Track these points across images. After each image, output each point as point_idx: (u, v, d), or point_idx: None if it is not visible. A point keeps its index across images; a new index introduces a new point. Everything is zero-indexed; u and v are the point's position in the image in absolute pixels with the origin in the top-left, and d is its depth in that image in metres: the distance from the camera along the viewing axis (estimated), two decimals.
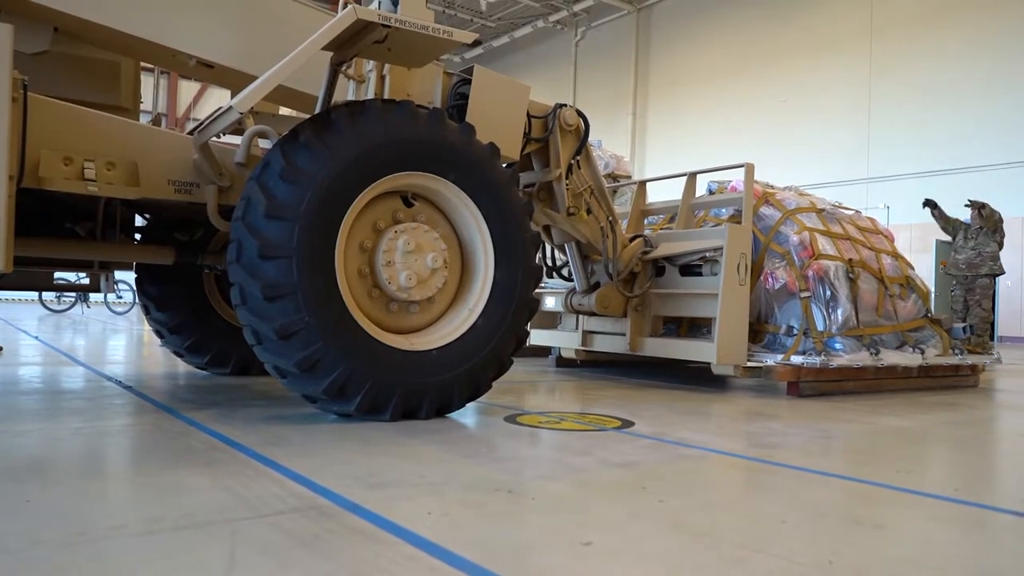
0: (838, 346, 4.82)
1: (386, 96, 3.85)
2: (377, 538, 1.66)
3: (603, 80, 23.78)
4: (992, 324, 9.18)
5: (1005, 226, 8.67)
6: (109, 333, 9.47)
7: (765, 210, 5.32)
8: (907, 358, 5.11)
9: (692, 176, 5.52)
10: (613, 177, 7.11)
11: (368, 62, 4.03)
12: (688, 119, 21.08)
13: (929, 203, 8.84)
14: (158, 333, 4.77)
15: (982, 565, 1.66)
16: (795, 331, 4.86)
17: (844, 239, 5.31)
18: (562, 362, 6.24)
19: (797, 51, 18.52)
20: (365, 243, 3.23)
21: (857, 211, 6.10)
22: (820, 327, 4.83)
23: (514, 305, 3.45)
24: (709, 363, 4.70)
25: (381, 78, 3.92)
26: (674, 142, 21.44)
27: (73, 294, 15.78)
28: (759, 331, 5.07)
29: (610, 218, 4.93)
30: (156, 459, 2.35)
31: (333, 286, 3.00)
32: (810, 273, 4.90)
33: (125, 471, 2.18)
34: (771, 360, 4.74)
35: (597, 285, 5.18)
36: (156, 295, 4.64)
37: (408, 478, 2.23)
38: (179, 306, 4.64)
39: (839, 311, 4.90)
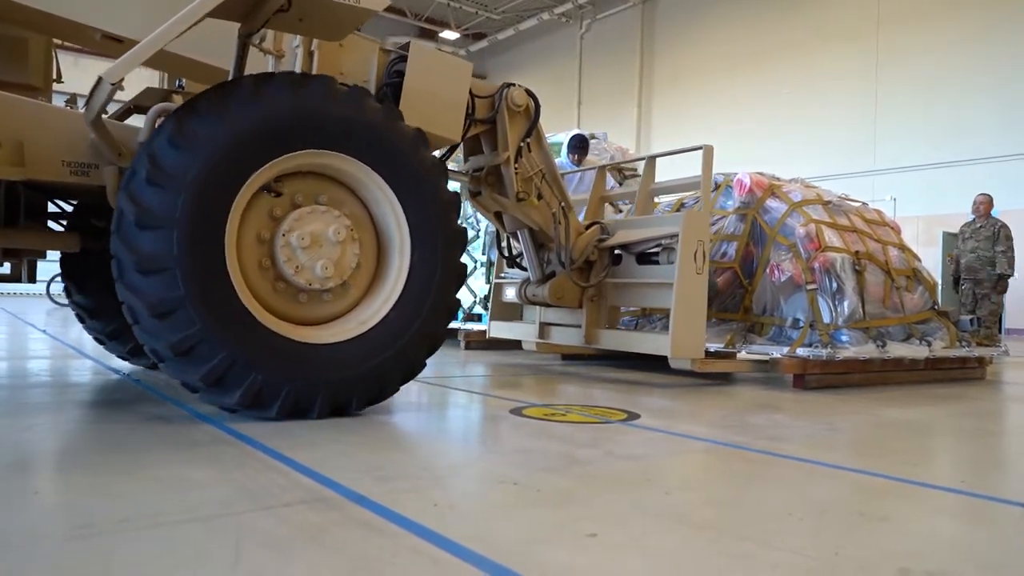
0: (844, 338, 4.80)
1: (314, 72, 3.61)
2: (383, 530, 1.66)
3: (608, 73, 23.71)
4: (1000, 317, 9.19)
5: (1013, 219, 8.69)
6: None
7: (771, 202, 5.30)
8: (914, 350, 5.09)
9: (651, 160, 5.30)
10: (619, 170, 7.09)
11: (295, 37, 3.75)
12: (693, 111, 20.99)
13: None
14: (79, 317, 4.57)
15: (989, 558, 1.66)
16: (801, 323, 4.85)
17: (850, 231, 5.29)
18: (567, 354, 6.23)
19: (803, 43, 18.40)
20: (275, 212, 3.02)
21: (863, 203, 6.08)
22: (826, 319, 4.81)
23: (430, 303, 3.21)
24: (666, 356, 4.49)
25: (309, 54, 3.68)
26: (679, 135, 21.34)
27: None
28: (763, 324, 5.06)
29: (563, 204, 4.71)
30: (162, 452, 2.36)
31: (220, 264, 2.76)
32: (816, 265, 4.88)
33: (131, 464, 2.18)
34: (777, 353, 4.72)
35: (553, 275, 4.95)
36: (78, 277, 4.40)
37: (413, 470, 2.23)
38: (100, 289, 4.28)
39: (845, 303, 4.88)
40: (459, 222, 3.38)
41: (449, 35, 26.24)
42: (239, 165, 2.82)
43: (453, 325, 7.41)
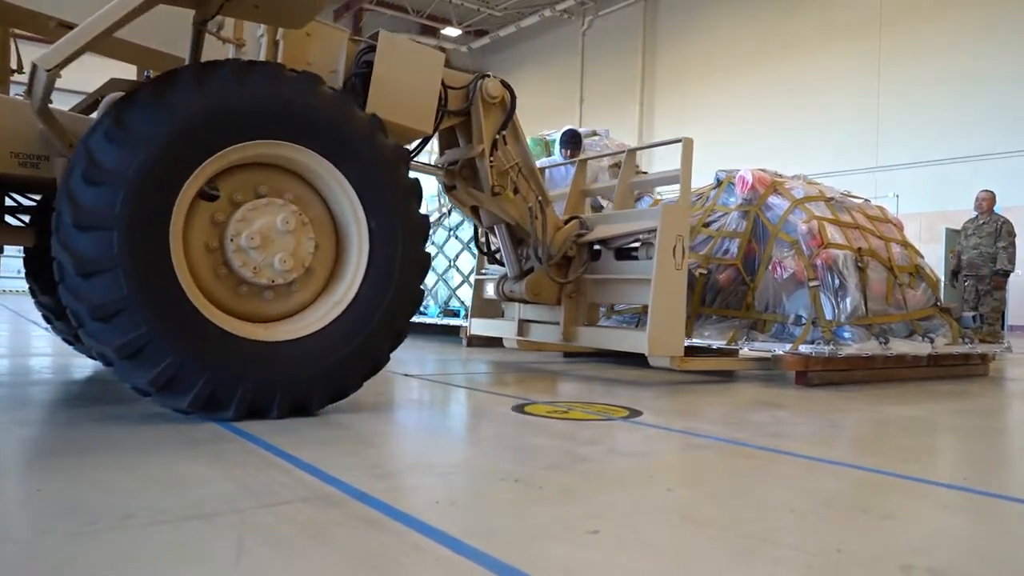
0: (847, 335, 4.80)
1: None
2: (385, 527, 1.66)
3: (610, 69, 23.68)
4: (1003, 313, 9.20)
5: (1015, 215, 8.69)
6: None
7: (774, 199, 5.30)
8: (916, 347, 5.09)
9: (631, 153, 5.22)
10: (618, 165, 7.09)
11: (260, 26, 3.64)
12: (696, 109, 20.96)
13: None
14: (46, 318, 4.47)
15: (992, 554, 1.66)
16: (803, 320, 4.84)
17: (853, 228, 5.28)
18: (569, 352, 6.23)
19: (806, 40, 18.37)
20: (217, 217, 2.89)
21: (866, 200, 6.07)
22: (829, 316, 4.81)
23: (391, 296, 3.08)
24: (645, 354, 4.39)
25: (274, 43, 3.56)
26: (681, 132, 21.07)
27: None
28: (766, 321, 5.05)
29: (539, 198, 4.61)
30: (164, 449, 2.36)
31: (165, 264, 2.64)
32: (819, 262, 4.87)
33: (133, 461, 2.19)
34: (779, 349, 4.72)
35: (532, 271, 4.84)
36: (43, 276, 4.22)
37: (415, 467, 2.23)
38: None
39: (848, 300, 4.88)
40: (421, 210, 3.25)
41: (451, 32, 26.22)
42: (182, 159, 2.70)
43: (456, 321, 7.41)
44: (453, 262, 7.71)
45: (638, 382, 4.61)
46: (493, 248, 5.27)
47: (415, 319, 8.31)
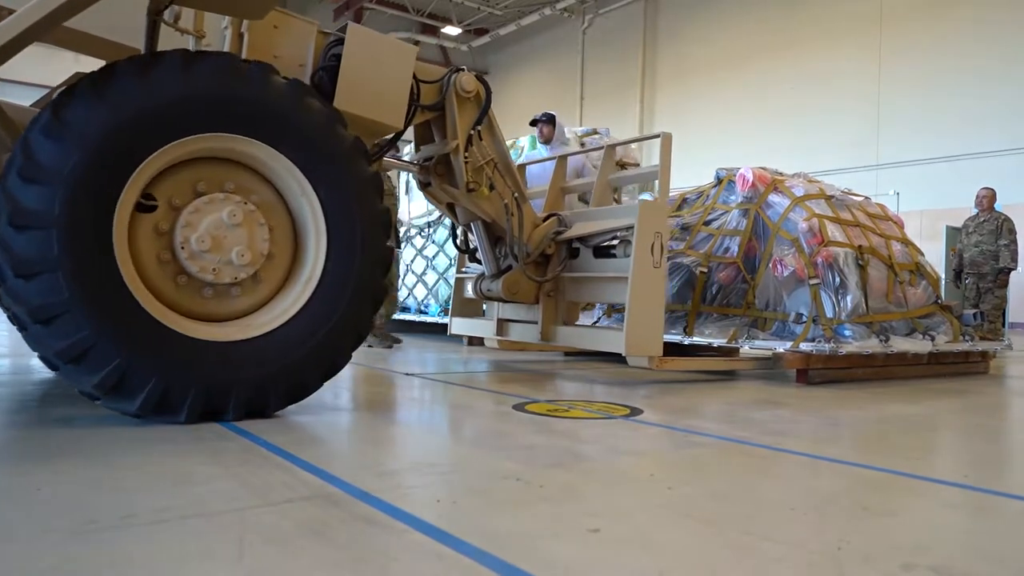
0: (847, 333, 4.80)
1: (244, 56, 3.33)
2: (386, 526, 1.66)
3: (611, 68, 23.67)
4: (1003, 311, 9.19)
5: (1016, 213, 8.67)
6: None
7: (774, 197, 5.30)
8: (917, 345, 5.08)
9: (611, 148, 5.08)
10: (621, 165, 7.07)
11: (225, 18, 3.52)
12: (696, 106, 20.96)
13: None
14: (11, 320, 4.41)
15: (993, 551, 1.66)
16: (804, 318, 4.84)
17: (853, 226, 5.28)
18: (570, 351, 6.23)
19: (806, 38, 18.37)
20: (161, 227, 2.78)
21: (866, 197, 6.07)
22: (829, 314, 4.81)
23: (350, 293, 2.98)
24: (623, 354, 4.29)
25: (238, 36, 3.42)
26: (682, 130, 21.29)
27: None
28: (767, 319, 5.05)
29: (516, 195, 4.48)
30: (164, 448, 2.36)
31: (109, 264, 2.54)
32: (819, 260, 4.87)
33: (133, 460, 2.19)
34: (780, 347, 4.72)
35: (510, 269, 4.72)
36: None
37: (417, 466, 2.23)
38: None
39: (848, 298, 4.88)
40: (382, 202, 3.13)
41: (451, 31, 26.21)
42: (125, 153, 2.58)
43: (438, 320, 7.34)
44: (454, 261, 7.71)
45: (639, 381, 4.61)
46: (472, 246, 5.18)
47: (415, 318, 8.37)
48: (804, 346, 4.63)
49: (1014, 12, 14.87)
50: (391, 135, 3.90)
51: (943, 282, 7.50)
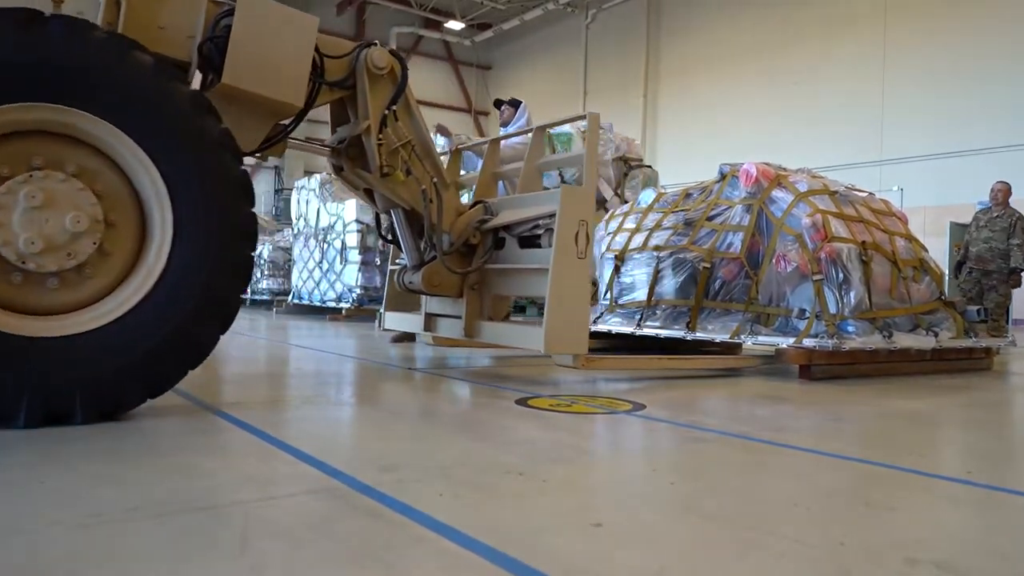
0: (851, 329, 4.79)
1: (120, 27, 3.03)
2: (388, 520, 1.66)
3: (614, 62, 23.63)
4: (1007, 308, 9.12)
5: (1021, 208, 8.55)
6: None
7: (777, 193, 5.29)
8: (920, 341, 5.08)
9: (540, 130, 4.68)
10: (624, 160, 7.05)
11: None
12: (700, 101, 20.93)
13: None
14: None
15: (997, 547, 1.66)
16: (807, 314, 4.84)
17: (857, 221, 5.26)
18: None
19: (810, 33, 18.32)
20: None
21: (870, 193, 6.05)
22: (832, 310, 4.80)
23: (209, 266, 2.70)
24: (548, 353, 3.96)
25: (115, 3, 3.11)
26: (686, 125, 21.32)
27: None
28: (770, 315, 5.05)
29: (435, 180, 4.16)
30: (167, 442, 2.37)
31: None
32: (823, 256, 4.86)
33: (137, 454, 2.19)
34: (783, 343, 4.71)
35: (434, 259, 4.36)
36: None
37: (420, 461, 2.24)
38: None
39: (852, 294, 4.87)
40: (237, 165, 2.82)
41: (454, 25, 26.19)
42: None
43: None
44: None
45: (641, 376, 4.61)
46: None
47: None
48: (807, 342, 4.62)
49: (1019, 6, 14.81)
50: (293, 115, 3.61)
51: (946, 278, 7.43)
